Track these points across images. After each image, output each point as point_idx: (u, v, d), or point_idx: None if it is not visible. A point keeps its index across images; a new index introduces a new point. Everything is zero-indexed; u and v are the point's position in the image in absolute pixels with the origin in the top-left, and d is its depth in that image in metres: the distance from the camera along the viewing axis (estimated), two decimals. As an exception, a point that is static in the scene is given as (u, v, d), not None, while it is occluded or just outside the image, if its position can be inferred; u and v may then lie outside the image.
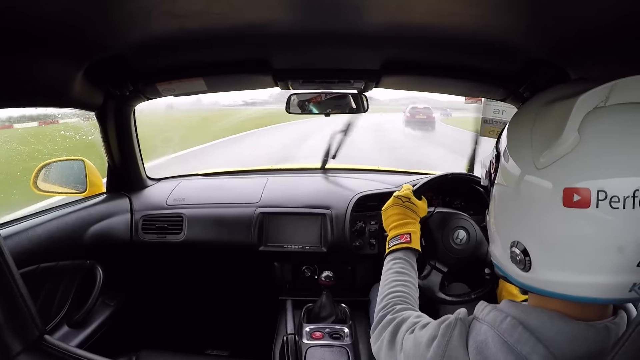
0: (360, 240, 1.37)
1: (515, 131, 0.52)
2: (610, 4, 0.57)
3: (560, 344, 0.46)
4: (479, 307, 0.56)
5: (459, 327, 0.53)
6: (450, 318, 0.56)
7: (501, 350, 0.47)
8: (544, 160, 0.45)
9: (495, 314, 0.52)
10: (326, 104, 1.31)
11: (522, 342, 0.47)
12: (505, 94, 1.17)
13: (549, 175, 0.44)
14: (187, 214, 1.42)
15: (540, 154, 0.45)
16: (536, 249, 0.47)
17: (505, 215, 0.52)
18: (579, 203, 0.42)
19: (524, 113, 0.53)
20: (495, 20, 0.72)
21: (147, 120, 7.98)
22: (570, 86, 0.50)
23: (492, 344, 0.48)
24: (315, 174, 1.68)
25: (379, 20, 0.77)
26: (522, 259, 0.48)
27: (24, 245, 0.99)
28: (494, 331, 0.49)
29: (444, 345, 0.52)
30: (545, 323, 0.47)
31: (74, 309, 1.21)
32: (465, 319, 0.55)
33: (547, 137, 0.45)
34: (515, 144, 0.51)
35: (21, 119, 8.31)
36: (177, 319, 1.76)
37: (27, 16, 0.63)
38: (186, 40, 0.87)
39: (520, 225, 0.49)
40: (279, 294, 1.46)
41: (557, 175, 0.44)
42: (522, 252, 0.48)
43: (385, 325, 0.69)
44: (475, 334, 0.51)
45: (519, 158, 0.49)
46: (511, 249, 0.50)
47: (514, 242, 0.49)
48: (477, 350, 0.49)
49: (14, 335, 0.52)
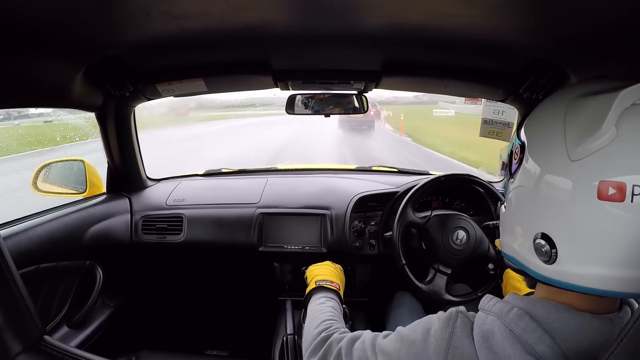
0: (360, 240, 1.37)
1: (544, 124, 0.51)
2: (610, 4, 0.57)
3: (566, 334, 0.46)
4: (484, 299, 0.56)
5: (461, 318, 0.54)
6: (450, 310, 0.56)
7: (507, 339, 0.48)
8: (579, 152, 0.45)
9: (501, 305, 0.52)
10: (325, 104, 1.31)
11: (528, 331, 0.47)
12: (505, 95, 1.17)
13: (584, 167, 0.44)
14: (187, 215, 1.42)
15: (576, 147, 0.45)
16: (564, 241, 0.47)
17: (531, 206, 0.51)
18: (613, 197, 0.42)
19: (552, 106, 0.52)
20: (495, 20, 0.73)
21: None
22: (600, 83, 0.50)
23: (498, 333, 0.49)
24: (315, 175, 1.68)
25: (378, 21, 0.77)
26: (547, 250, 0.48)
27: (23, 245, 0.99)
28: (501, 321, 0.50)
29: (447, 337, 0.52)
30: (551, 314, 0.48)
31: (73, 309, 1.21)
32: (465, 312, 0.55)
33: (583, 130, 0.45)
34: (544, 136, 0.50)
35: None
36: (177, 319, 1.76)
37: (27, 16, 0.63)
38: (186, 41, 0.87)
39: (548, 217, 0.48)
40: (279, 294, 1.46)
41: (592, 168, 0.44)
42: (548, 244, 0.48)
43: (335, 341, 0.68)
44: (481, 324, 0.52)
45: (549, 150, 0.48)
46: (535, 240, 0.49)
47: (539, 234, 0.49)
48: (484, 339, 0.50)
49: (13, 336, 0.52)
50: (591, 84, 0.50)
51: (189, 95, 1.27)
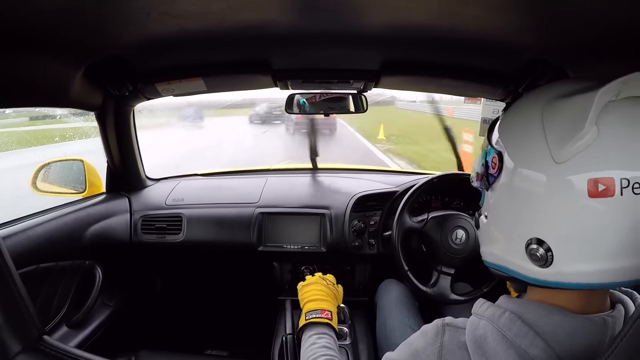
0: (360, 240, 1.37)
1: (521, 129, 0.51)
2: (609, 5, 0.57)
3: (559, 337, 0.46)
4: (477, 304, 0.57)
5: (448, 331, 0.54)
6: (436, 324, 0.57)
7: (500, 344, 0.48)
8: (564, 154, 0.45)
9: (493, 310, 0.52)
10: (325, 103, 1.31)
11: (521, 336, 0.47)
12: (504, 94, 1.17)
13: (571, 168, 0.45)
14: (187, 214, 1.42)
15: (560, 148, 0.45)
16: (559, 243, 0.47)
17: (518, 213, 0.51)
18: (603, 192, 0.43)
19: (525, 111, 0.52)
20: (494, 20, 0.73)
21: None
22: (568, 83, 0.51)
23: (491, 338, 0.49)
24: (315, 174, 1.68)
25: (377, 21, 0.77)
26: (543, 254, 0.47)
27: (23, 245, 0.99)
28: (493, 326, 0.50)
29: (437, 352, 0.53)
30: (543, 317, 0.48)
31: (73, 309, 1.21)
32: (452, 322, 0.55)
33: (565, 131, 0.46)
34: (524, 141, 0.50)
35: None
36: (176, 319, 1.76)
37: (26, 17, 0.63)
38: (185, 40, 0.87)
39: (539, 222, 0.48)
40: (278, 294, 1.46)
41: (580, 168, 0.44)
42: (542, 248, 0.48)
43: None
44: (474, 329, 0.52)
45: (532, 155, 0.48)
46: (529, 247, 0.49)
47: (532, 240, 0.49)
48: (477, 345, 0.50)
49: (12, 336, 0.52)
50: (560, 86, 0.51)
51: (188, 95, 1.27)
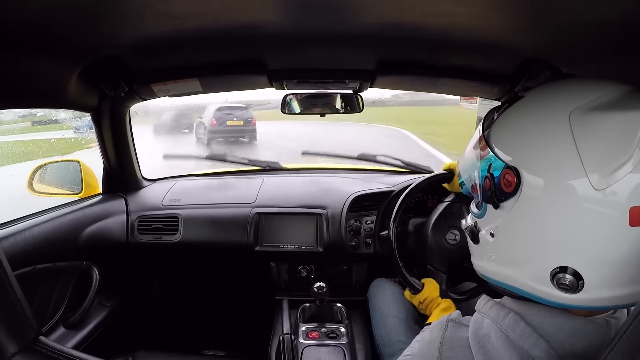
0: (356, 239, 1.37)
1: (543, 142, 0.47)
2: (606, 4, 0.57)
3: (561, 338, 0.47)
4: (481, 301, 0.57)
5: (451, 327, 0.55)
6: (441, 320, 0.57)
7: (503, 344, 0.48)
8: (605, 181, 0.42)
9: (497, 309, 0.53)
10: (321, 104, 1.31)
11: (524, 337, 0.48)
12: (500, 93, 1.18)
13: (613, 196, 0.41)
14: (183, 215, 1.42)
15: (600, 174, 0.42)
16: (593, 271, 0.44)
17: (545, 239, 0.47)
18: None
19: (546, 121, 0.48)
20: (491, 19, 0.73)
21: None
22: (590, 87, 0.47)
23: (494, 338, 0.50)
24: (311, 174, 1.68)
25: (373, 20, 0.77)
26: (572, 282, 0.45)
27: (19, 246, 0.98)
28: (497, 326, 0.50)
29: (437, 347, 0.54)
30: (546, 319, 0.48)
31: (70, 310, 1.21)
32: (457, 319, 0.55)
33: (605, 155, 0.42)
34: (552, 161, 0.45)
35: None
36: (173, 319, 1.76)
37: (21, 17, 0.63)
38: (180, 41, 0.87)
39: (572, 249, 0.45)
40: (275, 293, 1.46)
41: (622, 195, 0.41)
42: (573, 276, 0.45)
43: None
44: (477, 328, 0.52)
45: (563, 177, 0.44)
46: (556, 275, 0.46)
47: (561, 268, 0.45)
48: (480, 345, 0.50)
49: (8, 337, 0.52)
50: (582, 92, 0.47)
51: (184, 95, 1.27)
